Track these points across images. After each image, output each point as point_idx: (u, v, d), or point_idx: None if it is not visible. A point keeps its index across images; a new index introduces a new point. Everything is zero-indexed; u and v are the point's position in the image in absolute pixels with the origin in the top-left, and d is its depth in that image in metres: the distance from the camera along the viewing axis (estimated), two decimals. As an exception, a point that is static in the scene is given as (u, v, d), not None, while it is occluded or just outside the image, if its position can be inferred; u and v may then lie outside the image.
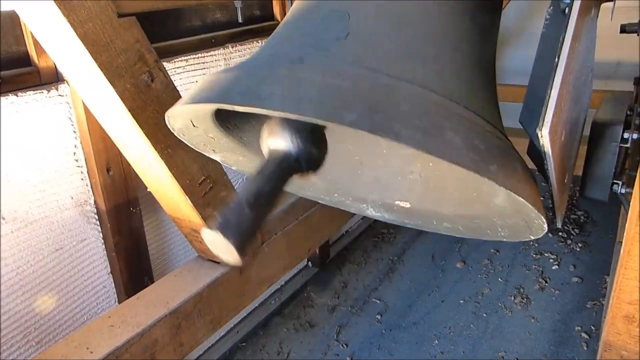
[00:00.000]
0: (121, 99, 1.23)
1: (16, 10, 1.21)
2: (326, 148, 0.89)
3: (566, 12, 0.84)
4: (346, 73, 0.76)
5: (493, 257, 3.10)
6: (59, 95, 1.53)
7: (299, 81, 0.73)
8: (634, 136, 1.11)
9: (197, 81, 1.96)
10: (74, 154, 1.60)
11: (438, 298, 2.77)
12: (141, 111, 1.28)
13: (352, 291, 2.87)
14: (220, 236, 0.70)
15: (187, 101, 0.85)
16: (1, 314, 1.48)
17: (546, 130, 0.77)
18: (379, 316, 2.65)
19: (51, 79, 1.53)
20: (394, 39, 0.85)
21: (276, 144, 0.83)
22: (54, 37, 1.19)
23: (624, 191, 1.15)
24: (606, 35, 1.65)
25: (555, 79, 0.80)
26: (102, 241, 1.74)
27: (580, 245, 3.16)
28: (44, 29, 1.19)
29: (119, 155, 1.63)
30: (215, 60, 2.05)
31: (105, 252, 1.76)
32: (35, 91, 1.47)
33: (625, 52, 3.20)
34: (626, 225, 1.04)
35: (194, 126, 0.99)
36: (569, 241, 3.21)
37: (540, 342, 2.41)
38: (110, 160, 1.65)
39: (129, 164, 1.53)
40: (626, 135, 1.12)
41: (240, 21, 2.05)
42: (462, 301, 2.73)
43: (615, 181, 1.15)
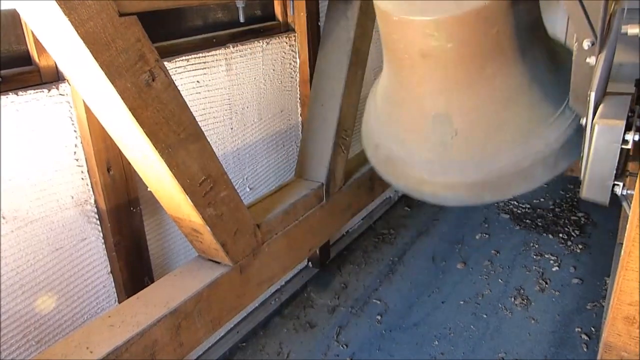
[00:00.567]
0: (122, 98, 1.23)
1: (17, 9, 1.21)
2: None
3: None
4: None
5: (493, 258, 3.10)
6: (59, 95, 1.53)
7: None
8: (635, 138, 1.11)
9: (197, 81, 1.96)
10: (75, 153, 1.60)
11: (438, 299, 2.76)
12: (142, 111, 1.28)
13: (353, 292, 2.87)
14: None
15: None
16: (1, 313, 1.48)
17: None
18: (379, 317, 2.65)
19: (52, 78, 1.53)
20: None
21: None
22: (54, 36, 1.19)
23: (624, 193, 1.15)
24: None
25: None
26: (103, 241, 1.74)
27: (580, 246, 3.16)
28: (44, 28, 1.19)
29: (119, 154, 1.64)
30: (217, 60, 2.05)
31: (105, 251, 1.76)
32: (35, 90, 1.47)
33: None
34: (627, 227, 1.04)
35: None
36: (569, 242, 3.21)
37: (540, 344, 2.41)
38: (110, 159, 1.65)
39: (129, 163, 1.53)
40: (627, 137, 1.12)
41: (242, 21, 2.05)
42: (462, 302, 2.73)
43: (616, 182, 1.15)
